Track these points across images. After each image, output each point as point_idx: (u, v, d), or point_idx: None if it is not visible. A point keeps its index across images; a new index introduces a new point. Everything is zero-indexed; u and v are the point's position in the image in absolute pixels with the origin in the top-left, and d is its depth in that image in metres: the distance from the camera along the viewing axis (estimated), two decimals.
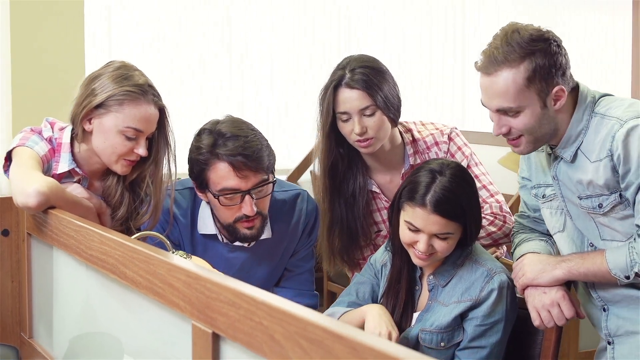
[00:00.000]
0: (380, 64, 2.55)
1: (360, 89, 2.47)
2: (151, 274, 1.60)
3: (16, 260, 2.31)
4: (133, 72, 2.35)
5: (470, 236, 2.26)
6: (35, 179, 2.13)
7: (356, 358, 1.07)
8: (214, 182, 2.34)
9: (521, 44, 2.04)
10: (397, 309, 2.35)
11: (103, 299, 1.92)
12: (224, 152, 2.31)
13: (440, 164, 2.25)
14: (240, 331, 1.32)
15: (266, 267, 2.56)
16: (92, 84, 2.32)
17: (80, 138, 2.33)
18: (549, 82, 2.05)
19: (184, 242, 2.47)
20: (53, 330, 2.18)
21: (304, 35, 5.87)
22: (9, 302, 2.32)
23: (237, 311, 1.33)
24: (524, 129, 2.10)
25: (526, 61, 2.03)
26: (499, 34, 2.09)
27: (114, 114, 2.28)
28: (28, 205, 2.11)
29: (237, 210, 2.36)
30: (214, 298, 1.39)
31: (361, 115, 2.48)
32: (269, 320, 1.25)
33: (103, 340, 1.97)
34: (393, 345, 1.05)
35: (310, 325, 1.16)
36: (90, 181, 2.38)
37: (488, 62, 2.06)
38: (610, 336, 2.19)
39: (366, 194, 2.64)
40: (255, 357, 1.29)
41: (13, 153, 2.28)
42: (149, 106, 2.31)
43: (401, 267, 2.36)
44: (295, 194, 2.59)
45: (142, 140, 2.31)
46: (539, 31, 2.08)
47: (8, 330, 2.33)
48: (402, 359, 1.01)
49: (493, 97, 2.08)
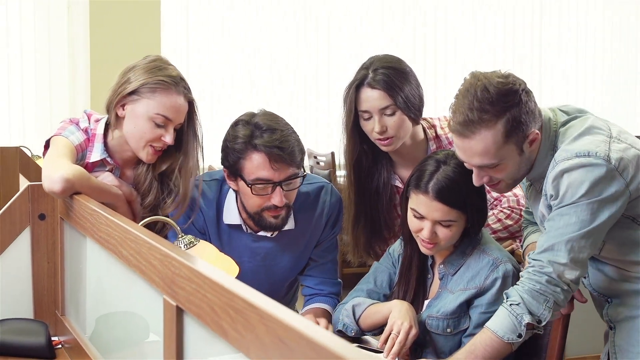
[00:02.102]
0: (404, 64, 2.63)
1: (381, 89, 2.55)
2: (138, 252, 1.73)
3: (52, 243, 2.48)
4: (167, 65, 2.48)
5: (474, 225, 2.32)
6: (62, 166, 2.29)
7: (262, 324, 1.17)
8: (249, 171, 2.44)
9: (493, 102, 2.04)
10: (408, 296, 2.43)
11: (114, 279, 2.06)
12: (260, 143, 2.41)
13: (446, 154, 2.33)
14: (193, 303, 1.43)
15: (290, 257, 2.65)
16: (128, 74, 2.46)
17: (114, 124, 2.47)
18: (524, 130, 2.08)
19: (209, 231, 2.59)
20: (82, 308, 2.34)
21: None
22: (45, 282, 2.49)
23: (191, 285, 1.44)
24: (504, 177, 2.15)
25: (502, 119, 2.05)
26: (465, 92, 2.08)
27: (146, 101, 2.41)
28: (53, 190, 2.27)
29: (266, 199, 2.46)
30: (177, 274, 1.50)
31: (382, 114, 2.56)
32: (212, 294, 1.35)
33: (128, 319, 2.08)
34: (298, 317, 1.15)
35: (236, 297, 1.26)
36: (122, 170, 2.53)
37: (463, 124, 2.07)
38: (611, 322, 2.23)
39: (390, 189, 2.72)
40: (204, 327, 1.40)
41: (51, 141, 2.45)
42: (179, 97, 2.43)
43: (412, 256, 2.44)
44: (319, 187, 2.67)
45: (170, 129, 2.43)
46: (505, 83, 2.07)
47: (44, 307, 2.50)
48: (302, 329, 1.10)
49: (472, 156, 2.11)
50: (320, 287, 2.67)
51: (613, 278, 2.22)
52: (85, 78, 5.31)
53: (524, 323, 2.06)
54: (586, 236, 2.03)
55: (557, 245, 2.04)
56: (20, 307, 2.48)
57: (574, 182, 2.01)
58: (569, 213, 2.03)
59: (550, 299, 2.05)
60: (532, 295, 2.06)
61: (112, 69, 2.57)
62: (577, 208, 2.02)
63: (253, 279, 2.63)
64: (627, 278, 2.19)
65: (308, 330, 1.08)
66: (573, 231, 2.02)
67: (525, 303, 2.06)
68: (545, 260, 2.05)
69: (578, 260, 2.04)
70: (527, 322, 2.06)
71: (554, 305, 2.06)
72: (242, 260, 2.61)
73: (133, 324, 2.00)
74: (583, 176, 2.00)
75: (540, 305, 2.06)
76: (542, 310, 2.06)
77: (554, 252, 2.04)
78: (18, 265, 2.47)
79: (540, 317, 2.06)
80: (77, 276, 2.37)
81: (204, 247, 2.19)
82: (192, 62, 5.71)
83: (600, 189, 2.01)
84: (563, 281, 2.05)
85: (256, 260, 2.62)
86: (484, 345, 2.09)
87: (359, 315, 2.43)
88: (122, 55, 4.82)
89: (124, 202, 2.47)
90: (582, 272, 2.07)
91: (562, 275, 2.05)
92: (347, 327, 2.46)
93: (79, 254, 2.35)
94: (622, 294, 2.20)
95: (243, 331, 1.24)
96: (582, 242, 2.03)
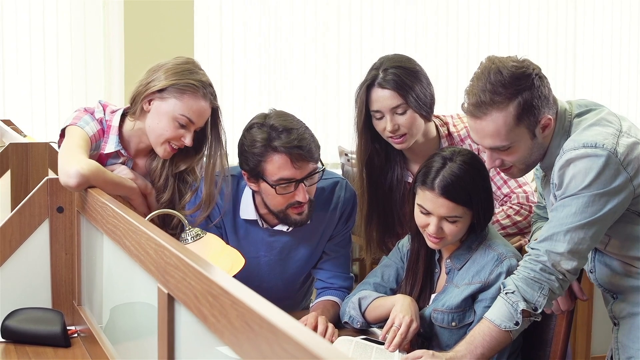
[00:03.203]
0: (414, 63, 2.67)
1: (392, 89, 2.60)
2: (138, 243, 1.79)
3: (69, 235, 2.56)
4: (198, 69, 2.55)
5: (479, 221, 2.35)
6: (77, 161, 2.37)
7: (234, 309, 1.22)
8: (271, 172, 2.47)
9: (505, 85, 2.08)
10: (414, 290, 2.48)
11: (120, 269, 2.12)
12: (280, 144, 2.45)
13: (452, 151, 2.36)
14: (180, 291, 1.49)
15: (305, 251, 2.70)
16: (159, 71, 2.52)
17: (137, 115, 2.54)
18: (536, 114, 2.10)
19: (225, 225, 2.65)
20: (96, 299, 2.41)
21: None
22: (63, 272, 2.57)
23: (179, 273, 1.49)
24: (516, 161, 2.17)
25: (513, 101, 2.08)
26: (480, 74, 2.12)
27: (173, 101, 2.47)
28: (69, 184, 2.35)
29: (289, 197, 2.51)
30: (168, 263, 1.56)
31: (393, 113, 2.61)
32: (195, 281, 1.41)
33: (139, 310, 2.15)
34: (266, 304, 1.20)
35: (213, 283, 1.32)
36: (134, 161, 2.60)
37: (475, 105, 2.11)
38: (615, 318, 2.25)
39: (403, 185, 2.76)
40: (190, 314, 1.46)
41: (66, 131, 2.53)
42: (205, 102, 2.50)
43: (419, 250, 2.48)
44: (334, 182, 2.72)
45: (191, 131, 2.50)
46: (519, 67, 2.10)
47: (62, 297, 2.58)
48: (266, 315, 1.15)
49: (484, 137, 2.14)
50: (331, 281, 2.72)
51: (618, 274, 2.23)
52: (119, 75, 5.42)
53: (519, 310, 2.09)
54: (586, 228, 2.05)
55: (557, 236, 2.06)
56: (39, 297, 2.56)
57: (578, 173, 2.03)
58: (570, 204, 2.05)
59: (545, 286, 2.07)
60: (526, 283, 2.08)
61: (145, 66, 2.63)
62: (579, 199, 2.04)
63: (269, 273, 2.69)
64: (631, 274, 2.20)
65: (272, 317, 1.12)
66: (573, 222, 2.05)
67: (520, 291, 2.08)
68: (543, 250, 2.08)
69: (576, 252, 2.06)
70: (522, 309, 2.08)
71: (550, 293, 2.08)
72: (258, 255, 2.67)
73: (144, 315, 2.06)
74: (588, 167, 2.02)
75: (535, 292, 2.08)
76: (537, 298, 2.08)
77: (552, 242, 2.07)
78: (37, 256, 2.55)
79: (535, 305, 2.09)
80: (92, 267, 2.45)
81: (211, 240, 2.25)
82: (225, 59, 5.77)
83: (603, 181, 2.03)
84: (558, 270, 2.07)
85: (272, 255, 2.68)
86: (483, 335, 2.12)
87: (364, 308, 2.48)
88: (156, 53, 4.93)
89: (138, 195, 2.54)
90: (580, 264, 2.09)
91: (557, 264, 2.07)
92: (352, 319, 2.51)
93: (93, 245, 2.42)
94: (625, 290, 2.22)
95: (219, 316, 1.29)
96: (581, 233, 2.05)
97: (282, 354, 1.08)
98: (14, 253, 2.52)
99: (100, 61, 5.52)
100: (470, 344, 2.12)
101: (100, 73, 5.54)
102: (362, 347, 2.32)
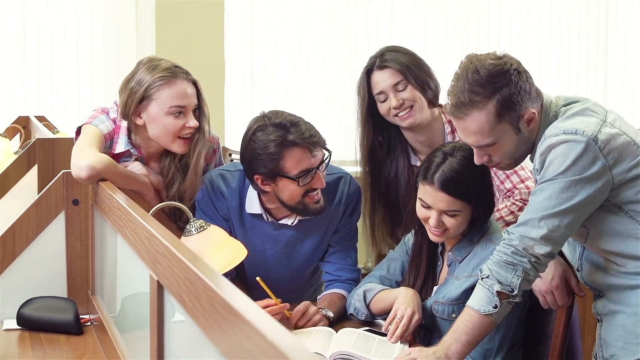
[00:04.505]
0: (412, 51, 2.80)
1: (390, 67, 2.73)
2: (135, 232, 1.87)
3: (84, 227, 2.65)
4: (159, 61, 2.62)
5: (480, 215, 2.39)
6: (89, 155, 2.45)
7: (205, 294, 1.29)
8: (291, 167, 2.52)
9: (483, 84, 2.10)
10: (417, 282, 2.52)
11: (124, 258, 2.20)
12: (295, 138, 2.50)
13: (453, 147, 2.40)
14: (167, 277, 1.56)
15: (310, 244, 2.76)
16: (129, 85, 2.60)
17: (135, 131, 2.63)
18: (517, 110, 2.12)
19: (232, 219, 2.71)
20: (107, 288, 2.50)
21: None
22: (78, 263, 2.66)
23: (165, 261, 1.56)
24: (503, 156, 2.20)
25: (492, 99, 2.10)
26: (460, 74, 2.15)
27: (155, 101, 2.56)
28: (80, 177, 2.44)
29: (307, 187, 2.56)
30: (157, 251, 1.63)
31: (395, 90, 2.73)
32: (177, 268, 1.47)
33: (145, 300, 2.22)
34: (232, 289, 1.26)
35: (190, 270, 1.38)
36: (147, 161, 2.68)
37: (456, 106, 2.14)
38: (598, 315, 2.26)
39: (407, 173, 2.82)
40: (173, 299, 1.52)
41: (82, 129, 2.62)
42: (182, 82, 2.58)
43: (421, 243, 2.52)
44: (338, 177, 2.76)
45: (189, 114, 2.58)
46: (496, 65, 2.12)
47: (77, 287, 2.67)
48: (229, 300, 1.21)
49: (468, 136, 2.17)
50: (338, 274, 2.77)
51: (601, 272, 2.24)
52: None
53: (494, 292, 2.11)
54: (561, 215, 2.06)
55: (532, 222, 2.08)
56: (55, 286, 2.65)
57: (556, 158, 2.05)
58: (546, 189, 2.07)
59: (519, 267, 2.09)
60: (499, 266, 2.11)
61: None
62: (555, 184, 2.06)
63: (276, 265, 2.75)
64: (613, 271, 2.20)
65: (234, 301, 1.18)
66: (547, 207, 2.06)
67: (494, 274, 2.11)
68: (517, 234, 2.10)
69: (550, 238, 2.08)
70: (497, 290, 2.10)
71: (524, 273, 2.09)
72: (265, 247, 2.73)
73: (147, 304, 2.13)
74: (566, 152, 2.04)
75: (508, 274, 2.10)
76: (510, 279, 2.10)
77: (527, 227, 2.09)
78: (53, 247, 2.64)
79: (510, 286, 2.10)
80: (104, 258, 2.53)
81: (214, 231, 2.31)
82: (255, 60, 5.82)
83: (580, 167, 2.04)
84: (530, 254, 2.09)
85: (278, 247, 2.74)
86: (465, 322, 2.14)
87: (369, 300, 2.53)
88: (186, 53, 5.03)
89: (150, 189, 2.62)
90: (554, 249, 2.10)
91: (529, 248, 2.08)
92: (358, 311, 2.56)
93: (105, 237, 2.50)
94: (607, 288, 2.23)
95: (194, 300, 1.36)
96: (556, 221, 2.06)
97: (240, 336, 1.14)
98: (31, 244, 2.62)
99: (132, 60, 5.62)
100: (455, 332, 2.15)
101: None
102: (364, 338, 2.36)
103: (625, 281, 2.17)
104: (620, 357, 2.17)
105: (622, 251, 2.15)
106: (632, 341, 2.15)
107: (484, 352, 2.36)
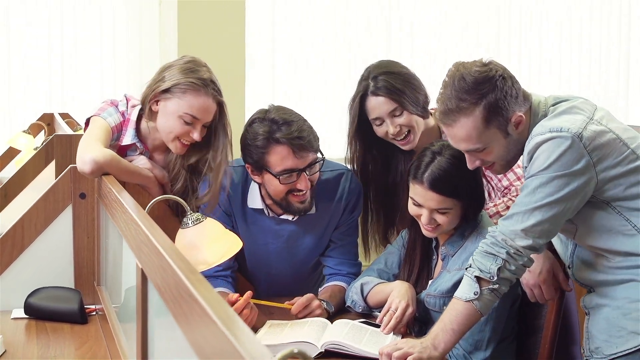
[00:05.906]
0: (399, 66, 2.83)
1: (384, 95, 2.74)
2: (126, 223, 1.94)
3: (91, 220, 2.73)
4: (200, 67, 2.66)
5: (469, 211, 2.44)
6: (93, 149, 2.53)
7: (172, 279, 1.35)
8: (274, 163, 2.58)
9: (469, 91, 2.15)
10: (412, 276, 2.58)
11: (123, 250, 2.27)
12: (281, 136, 2.56)
13: (441, 146, 2.45)
14: (148, 265, 1.63)
15: (311, 239, 2.82)
16: (163, 72, 2.67)
17: (148, 116, 2.69)
18: (505, 114, 2.16)
19: (234, 213, 2.78)
20: (110, 279, 2.58)
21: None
22: (84, 254, 2.75)
23: (146, 249, 1.63)
24: (494, 159, 2.24)
25: (479, 106, 2.14)
26: (447, 82, 2.20)
27: (176, 100, 2.61)
28: (84, 170, 2.51)
29: (291, 186, 2.62)
30: (141, 241, 1.70)
31: (392, 116, 2.76)
32: (155, 256, 1.54)
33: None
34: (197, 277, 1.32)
35: (163, 258, 1.45)
36: (151, 154, 2.75)
37: (444, 114, 2.20)
38: (586, 308, 2.29)
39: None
40: (153, 286, 1.59)
41: (90, 121, 2.70)
42: (208, 98, 2.62)
43: (415, 238, 2.58)
44: (339, 173, 2.82)
45: (198, 127, 2.62)
46: (482, 71, 2.16)
47: (83, 278, 2.75)
48: (189, 285, 1.27)
49: (458, 142, 2.22)
50: (339, 268, 2.82)
51: (591, 268, 2.27)
52: None
53: (473, 278, 2.16)
54: (544, 209, 2.10)
55: (516, 215, 2.13)
56: (62, 277, 2.73)
57: (542, 154, 2.09)
58: (531, 184, 2.12)
59: (499, 257, 2.14)
60: (481, 255, 2.16)
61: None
62: (539, 179, 2.10)
63: (277, 259, 2.82)
64: (602, 268, 2.23)
65: (193, 288, 1.25)
66: (531, 201, 2.11)
67: (476, 263, 2.16)
68: (500, 227, 2.16)
69: (531, 231, 2.12)
70: (476, 275, 2.15)
71: (504, 262, 2.13)
72: (267, 242, 2.79)
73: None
74: (551, 149, 2.08)
75: (487, 262, 2.14)
76: (489, 267, 2.14)
77: (512, 221, 2.14)
78: (61, 239, 2.73)
79: (490, 272, 2.14)
80: (109, 250, 2.61)
81: (210, 224, 2.37)
82: (276, 60, 5.89)
83: (564, 163, 2.08)
84: (509, 245, 2.13)
85: (280, 242, 2.80)
86: (450, 311, 2.19)
87: (366, 293, 2.59)
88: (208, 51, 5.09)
89: (155, 184, 2.69)
90: (535, 243, 2.13)
91: (509, 240, 2.13)
92: (355, 304, 2.62)
93: (109, 229, 2.58)
94: (597, 284, 2.26)
95: (166, 286, 1.43)
96: (538, 214, 2.10)
97: (197, 320, 1.20)
98: (39, 236, 2.70)
99: (155, 59, 5.72)
100: (441, 322, 2.20)
101: (155, 70, 5.72)
102: (357, 329, 2.42)
103: (612, 277, 2.21)
104: (605, 350, 2.20)
105: (611, 247, 2.18)
106: (616, 334, 2.18)
107: (475, 342, 2.41)
